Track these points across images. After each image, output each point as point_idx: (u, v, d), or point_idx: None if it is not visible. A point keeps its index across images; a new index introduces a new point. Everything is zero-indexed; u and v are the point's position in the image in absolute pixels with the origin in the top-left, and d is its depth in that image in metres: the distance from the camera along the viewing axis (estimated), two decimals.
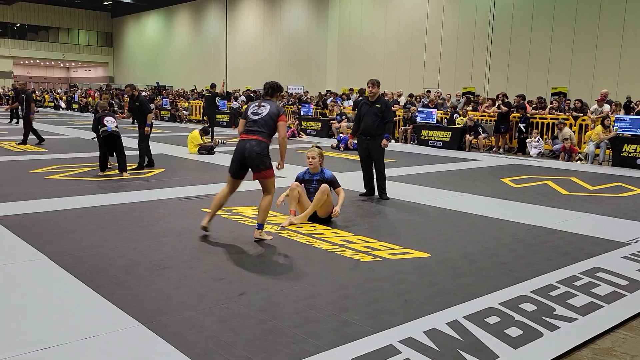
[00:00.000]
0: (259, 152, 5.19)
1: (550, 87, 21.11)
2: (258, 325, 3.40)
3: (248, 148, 5.21)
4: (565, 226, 6.27)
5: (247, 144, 5.23)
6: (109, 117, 9.16)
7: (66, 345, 3.06)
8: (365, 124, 7.71)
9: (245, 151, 5.22)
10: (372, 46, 27.52)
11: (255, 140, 5.22)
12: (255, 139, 5.23)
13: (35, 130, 14.04)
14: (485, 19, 23.23)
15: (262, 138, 5.24)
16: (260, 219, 5.40)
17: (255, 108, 5.38)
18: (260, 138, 5.23)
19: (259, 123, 5.27)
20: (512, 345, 3.22)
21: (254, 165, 5.26)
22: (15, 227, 5.58)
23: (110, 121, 9.07)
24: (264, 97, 5.53)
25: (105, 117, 9.12)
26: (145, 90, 32.01)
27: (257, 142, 5.22)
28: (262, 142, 5.23)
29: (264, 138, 5.25)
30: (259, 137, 5.23)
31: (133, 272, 4.34)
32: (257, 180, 5.41)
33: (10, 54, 49.06)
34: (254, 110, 5.37)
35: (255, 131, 5.26)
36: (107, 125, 8.95)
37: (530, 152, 14.58)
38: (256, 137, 5.24)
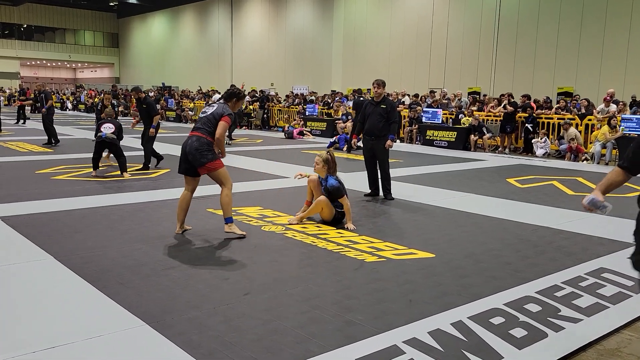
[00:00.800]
0: (197, 147, 5.31)
1: (556, 86, 21.03)
2: (262, 326, 3.41)
3: (188, 144, 5.38)
4: (570, 226, 6.25)
5: (189, 140, 5.42)
6: (108, 124, 9.43)
7: (72, 345, 3.08)
8: (370, 124, 7.70)
9: (186, 147, 5.40)
10: (378, 46, 27.49)
11: (195, 137, 5.39)
12: (195, 135, 5.41)
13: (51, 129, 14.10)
14: (491, 18, 23.16)
15: (201, 134, 5.38)
16: (226, 213, 5.44)
17: (205, 108, 5.63)
18: (199, 134, 5.38)
19: (201, 121, 5.47)
20: (516, 346, 3.22)
21: (195, 160, 5.35)
22: (21, 227, 5.61)
23: (107, 127, 9.34)
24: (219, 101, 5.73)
25: (104, 123, 9.45)
26: (152, 90, 32.10)
27: (196, 137, 5.37)
28: (200, 137, 5.36)
29: (203, 134, 5.37)
30: (198, 133, 5.39)
31: (138, 272, 4.36)
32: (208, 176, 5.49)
33: (17, 54, 49.32)
34: (203, 110, 5.62)
35: (196, 128, 5.46)
36: (102, 132, 9.26)
37: (536, 152, 14.53)
38: (196, 134, 5.41)
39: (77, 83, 52.36)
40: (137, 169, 9.76)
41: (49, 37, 51.19)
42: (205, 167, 5.35)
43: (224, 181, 5.46)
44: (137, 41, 49.68)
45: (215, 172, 5.40)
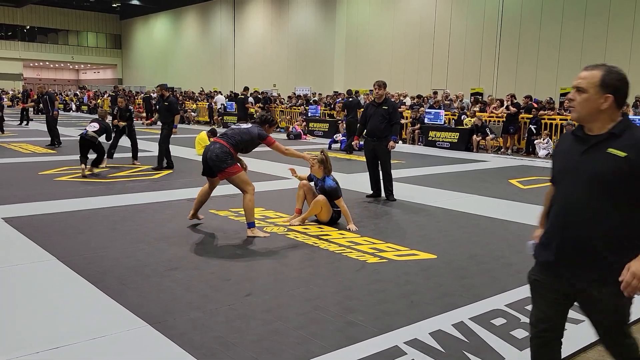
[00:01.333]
0: (217, 154, 5.48)
1: (559, 87, 21.00)
2: (264, 326, 3.42)
3: (210, 150, 5.57)
4: None
5: (211, 146, 5.60)
6: (93, 123, 9.85)
7: (75, 345, 3.09)
8: (372, 125, 7.71)
9: (208, 153, 5.57)
10: (380, 47, 27.50)
11: (219, 144, 5.55)
12: (219, 142, 5.58)
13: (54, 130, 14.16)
14: (493, 19, 23.15)
15: (225, 143, 5.55)
16: (248, 218, 5.59)
17: (239, 123, 6.05)
18: (224, 142, 5.55)
19: (231, 131, 5.71)
20: (518, 347, 3.22)
21: (214, 167, 5.52)
22: (24, 228, 5.63)
23: (91, 126, 9.72)
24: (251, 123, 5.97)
25: (91, 122, 9.91)
26: (154, 91, 32.14)
27: (219, 145, 5.54)
28: (223, 146, 5.53)
29: (227, 144, 5.54)
30: (223, 142, 5.56)
31: (141, 273, 4.37)
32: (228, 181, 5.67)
33: (20, 56, 49.45)
34: (236, 125, 5.93)
35: (223, 135, 5.67)
36: (85, 130, 9.69)
37: (539, 153, 14.52)
38: (220, 142, 5.58)
39: (80, 84, 52.52)
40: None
41: (51, 39, 51.32)
42: (224, 173, 5.52)
43: (244, 186, 5.58)
44: (140, 42, 49.77)
45: (234, 176, 5.54)
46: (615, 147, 2.11)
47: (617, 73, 2.18)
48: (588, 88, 2.16)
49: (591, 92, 2.15)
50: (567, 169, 2.25)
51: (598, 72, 2.17)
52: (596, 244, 2.14)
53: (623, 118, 2.18)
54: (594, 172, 2.13)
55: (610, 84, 2.15)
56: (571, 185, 2.21)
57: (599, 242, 2.14)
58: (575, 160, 2.21)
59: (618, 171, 2.09)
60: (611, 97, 2.13)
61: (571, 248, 2.21)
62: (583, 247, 2.18)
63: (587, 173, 2.15)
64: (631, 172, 2.07)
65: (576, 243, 2.19)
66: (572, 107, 2.24)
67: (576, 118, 2.23)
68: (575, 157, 2.21)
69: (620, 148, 2.10)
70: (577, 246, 2.19)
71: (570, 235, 2.21)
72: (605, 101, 2.14)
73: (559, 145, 2.42)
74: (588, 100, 2.16)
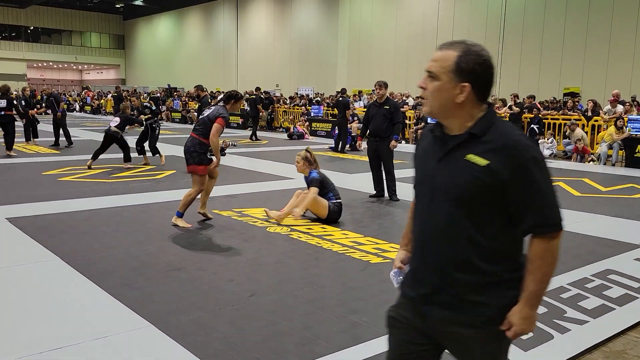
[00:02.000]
0: (189, 147, 5.83)
1: (562, 87, 20.96)
2: (268, 327, 3.41)
3: (186, 145, 5.90)
4: (576, 228, 6.22)
5: (187, 141, 5.93)
6: (115, 117, 10.73)
7: (78, 346, 3.09)
8: (374, 125, 7.72)
9: (185, 147, 5.93)
10: (383, 47, 27.48)
11: (191, 137, 5.88)
12: (191, 135, 5.89)
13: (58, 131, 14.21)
14: (496, 19, 23.11)
15: (195, 135, 5.83)
16: (180, 207, 5.89)
17: (205, 110, 6.02)
18: (194, 135, 5.85)
19: (198, 122, 5.97)
20: (522, 348, 3.20)
21: (186, 159, 5.90)
22: (28, 228, 5.64)
23: (113, 122, 10.57)
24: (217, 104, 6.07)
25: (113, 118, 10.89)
26: (158, 92, 32.22)
27: (191, 138, 5.87)
28: (194, 138, 5.83)
29: (198, 135, 5.81)
30: (194, 134, 5.86)
31: (144, 273, 4.37)
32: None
33: (24, 56, 49.57)
34: (202, 112, 6.09)
35: (194, 129, 5.93)
36: (109, 125, 10.58)
37: (543, 153, 14.47)
38: (192, 134, 5.89)
39: (84, 84, 52.65)
40: (150, 168, 9.79)
41: (55, 39, 51.46)
42: (189, 167, 5.91)
43: (196, 184, 5.92)
44: (143, 43, 49.85)
45: (195, 175, 5.89)
46: (475, 153, 1.62)
47: (476, 54, 1.63)
48: (440, 74, 1.65)
49: (444, 79, 1.64)
50: (423, 180, 1.78)
51: (453, 52, 1.64)
52: (458, 278, 1.67)
53: (487, 112, 1.68)
54: (451, 186, 1.65)
55: (466, 69, 1.62)
56: (427, 200, 1.74)
57: (461, 276, 1.67)
58: (432, 168, 1.73)
59: (479, 184, 1.60)
60: (468, 86, 1.62)
61: (430, 280, 1.73)
62: (443, 280, 1.70)
63: (444, 186, 1.67)
64: (494, 184, 1.59)
65: (435, 274, 1.72)
66: (423, 98, 1.72)
67: (428, 113, 1.72)
68: (432, 164, 1.73)
69: (480, 153, 1.61)
70: (437, 278, 1.71)
71: (429, 264, 1.74)
72: (462, 92, 1.63)
73: (417, 147, 1.88)
74: (440, 90, 1.65)
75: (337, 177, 9.70)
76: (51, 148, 13.68)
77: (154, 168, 10.40)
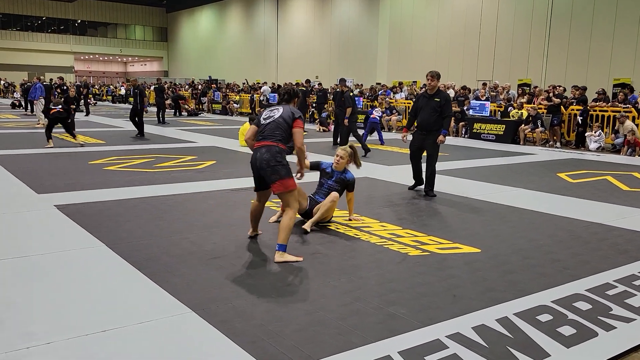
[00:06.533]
0: (268, 160, 4.57)
1: (612, 78, 20.19)
2: (305, 316, 3.44)
3: (258, 158, 4.63)
4: (625, 223, 6.01)
5: (257, 153, 4.65)
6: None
7: (122, 329, 3.19)
8: (423, 118, 7.39)
9: (257, 162, 4.64)
10: (424, 38, 27.08)
11: (265, 147, 4.62)
12: (265, 145, 4.64)
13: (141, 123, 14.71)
14: (543, 6, 22.41)
15: (272, 143, 4.62)
16: (281, 239, 4.58)
17: (268, 112, 4.83)
18: (270, 143, 4.62)
19: (271, 127, 4.68)
20: (564, 344, 3.13)
21: (266, 176, 4.63)
22: (76, 216, 5.84)
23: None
24: (280, 103, 5.00)
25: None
26: (200, 84, 32.74)
27: (266, 148, 4.62)
28: (271, 147, 4.61)
29: (274, 142, 4.63)
30: (269, 142, 4.63)
31: (186, 261, 4.47)
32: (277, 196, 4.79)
33: (71, 49, 51.22)
34: (266, 115, 4.81)
35: (265, 136, 4.68)
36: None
37: (590, 146, 14.03)
38: (266, 143, 4.64)
39: (128, 77, 53.92)
40: (191, 158, 9.95)
41: (101, 32, 52.93)
42: (276, 185, 4.61)
43: (292, 203, 4.72)
44: (185, 35, 50.68)
45: (286, 192, 4.65)
46: None
47: None
48: None
49: None
50: None
51: None
52: None
53: None
54: None
55: None
56: None
57: None
58: None
59: None
60: None
61: None
62: None
63: None
64: None
65: None
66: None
67: None
68: None
69: None
70: None
71: None
72: None
73: None
74: None
75: (373, 169, 9.66)
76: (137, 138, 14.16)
77: (196, 158, 10.58)
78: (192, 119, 22.51)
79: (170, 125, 18.84)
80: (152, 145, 12.59)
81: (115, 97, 36.79)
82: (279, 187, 4.61)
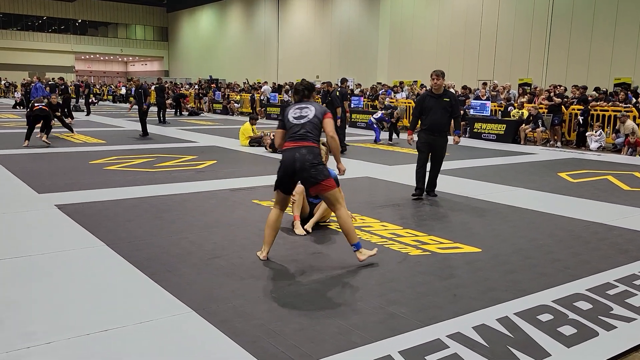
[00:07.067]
0: (311, 161, 4.36)
1: (613, 77, 20.17)
2: (305, 315, 3.43)
3: (299, 158, 4.36)
4: (625, 223, 6.00)
5: (296, 153, 4.38)
6: None
7: (123, 329, 3.19)
8: (434, 119, 7.06)
9: (296, 163, 4.36)
10: (424, 38, 27.07)
11: (306, 148, 4.39)
12: (305, 145, 4.40)
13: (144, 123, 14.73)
14: (544, 6, 22.39)
15: (312, 143, 4.44)
16: (353, 238, 4.45)
17: (298, 111, 4.57)
18: (311, 144, 4.42)
19: (307, 126, 4.46)
20: (565, 344, 3.13)
21: (310, 177, 4.38)
22: (76, 215, 5.84)
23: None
24: (301, 100, 4.75)
25: None
26: (199, 83, 32.75)
27: (307, 149, 4.39)
28: (314, 148, 4.43)
29: (314, 143, 4.46)
30: (310, 143, 4.42)
31: (186, 261, 4.47)
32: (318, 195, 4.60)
33: (72, 49, 51.24)
34: (297, 114, 4.55)
35: (303, 136, 4.44)
36: None
37: (590, 146, 14.02)
38: (306, 144, 4.41)
39: (128, 76, 53.94)
40: (191, 158, 9.94)
41: (102, 32, 52.97)
42: (321, 185, 4.40)
43: (340, 200, 4.52)
44: (186, 35, 50.69)
45: (332, 190, 4.45)
46: None
47: None
48: None
49: None
50: None
51: None
52: None
53: None
54: None
55: None
56: None
57: None
58: None
59: None
60: None
61: None
62: None
63: None
64: None
65: None
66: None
67: None
68: None
69: None
70: None
71: None
72: None
73: None
74: None
75: (373, 169, 9.66)
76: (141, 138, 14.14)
77: (196, 158, 10.58)
78: (193, 119, 22.52)
79: (171, 124, 18.84)
80: (152, 145, 12.59)
81: (115, 97, 36.81)
82: (326, 187, 4.42)
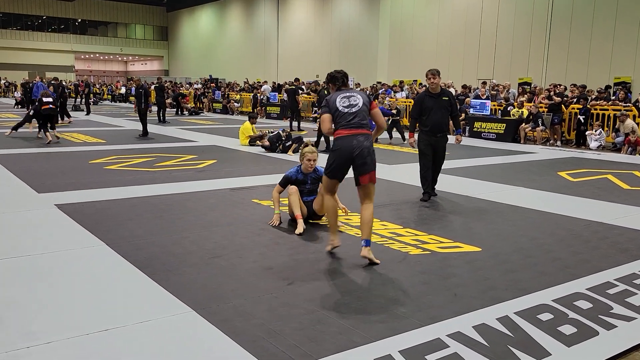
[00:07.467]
0: (369, 148, 4.45)
1: (612, 76, 20.16)
2: (306, 315, 3.43)
3: (357, 145, 4.40)
4: (625, 222, 6.00)
5: (354, 140, 4.42)
6: None
7: (123, 328, 3.19)
8: (435, 120, 6.95)
9: (355, 149, 4.40)
10: (424, 37, 27.06)
11: (363, 135, 4.45)
12: (362, 133, 4.46)
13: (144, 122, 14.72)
14: (544, 5, 22.38)
15: (368, 131, 4.52)
16: (367, 234, 4.48)
17: (345, 100, 4.56)
18: (367, 131, 4.50)
19: (361, 115, 4.50)
20: (565, 343, 3.13)
21: (364, 164, 4.42)
22: (76, 215, 5.84)
23: None
24: (340, 88, 4.73)
25: None
26: (198, 82, 32.74)
27: (364, 136, 4.46)
28: (369, 136, 4.51)
29: (369, 131, 4.55)
30: (366, 131, 4.50)
31: (186, 260, 4.47)
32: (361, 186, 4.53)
33: (72, 48, 51.23)
34: (346, 103, 4.54)
35: (358, 124, 4.48)
36: None
37: (590, 145, 14.02)
38: (363, 131, 4.47)
39: (128, 76, 53.95)
40: (191, 157, 9.96)
41: (102, 31, 52.95)
42: (370, 175, 4.47)
43: (373, 195, 4.60)
44: (185, 34, 50.67)
45: (374, 183, 4.54)
46: None
47: None
48: None
49: None
50: None
51: None
52: None
53: None
54: None
55: None
56: None
57: None
58: None
59: None
60: None
61: None
62: None
63: None
64: None
65: None
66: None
67: None
68: None
69: None
70: None
71: None
72: None
73: None
74: None
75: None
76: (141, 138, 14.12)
77: (196, 158, 10.58)
78: (193, 118, 22.52)
79: (171, 124, 18.84)
80: (152, 145, 12.59)
81: (115, 96, 36.80)
82: (374, 178, 4.50)
